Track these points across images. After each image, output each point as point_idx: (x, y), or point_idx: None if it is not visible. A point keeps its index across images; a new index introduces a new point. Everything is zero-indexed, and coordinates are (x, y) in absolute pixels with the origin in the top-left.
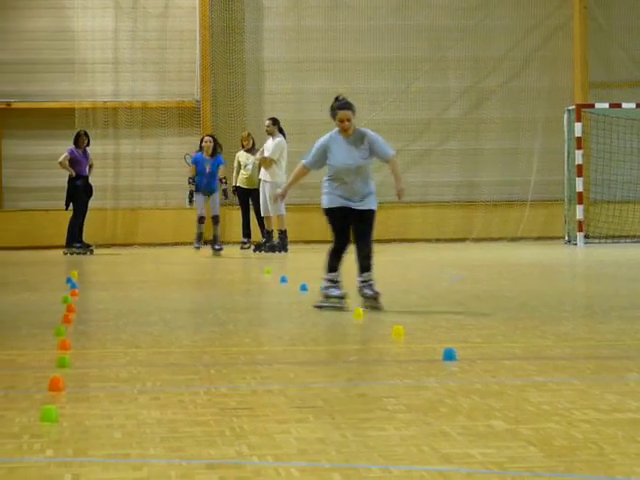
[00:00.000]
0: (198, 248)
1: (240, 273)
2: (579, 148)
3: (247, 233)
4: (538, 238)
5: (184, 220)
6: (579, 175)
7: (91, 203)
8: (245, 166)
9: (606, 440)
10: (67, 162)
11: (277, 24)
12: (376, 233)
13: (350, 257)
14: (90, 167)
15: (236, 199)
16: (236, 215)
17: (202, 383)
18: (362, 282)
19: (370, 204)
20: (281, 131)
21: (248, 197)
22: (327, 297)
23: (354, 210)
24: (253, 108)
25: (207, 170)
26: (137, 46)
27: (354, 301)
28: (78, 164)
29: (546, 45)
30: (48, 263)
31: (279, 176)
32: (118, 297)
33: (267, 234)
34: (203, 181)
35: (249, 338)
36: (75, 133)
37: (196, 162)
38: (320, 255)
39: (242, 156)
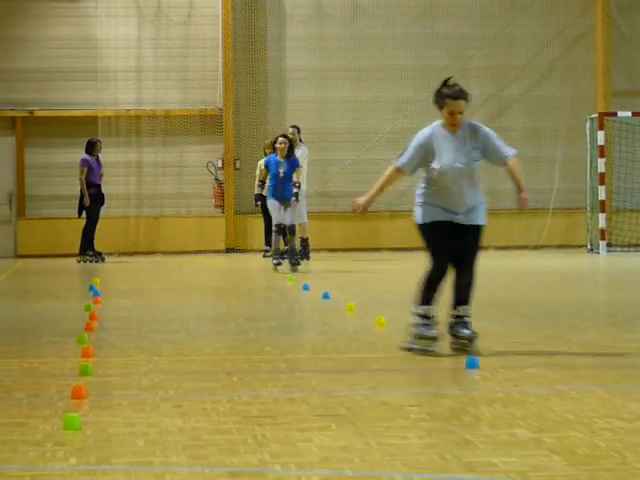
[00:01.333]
0: (278, 265)
1: (262, 281)
2: (601, 156)
3: (269, 241)
4: (560, 246)
5: (206, 228)
6: (601, 183)
7: (114, 211)
8: None
9: (629, 449)
10: (84, 177)
11: (300, 32)
12: (400, 241)
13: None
14: (100, 176)
15: (258, 207)
16: (258, 223)
17: (224, 391)
18: (456, 317)
19: (478, 218)
20: (301, 140)
21: None
22: (417, 337)
23: (456, 225)
24: (275, 116)
25: (281, 174)
26: (160, 54)
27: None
28: (92, 173)
29: (569, 53)
30: (70, 271)
31: (302, 185)
32: (140, 305)
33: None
34: (277, 186)
35: (271, 346)
36: (87, 141)
37: (268, 165)
38: (342, 262)
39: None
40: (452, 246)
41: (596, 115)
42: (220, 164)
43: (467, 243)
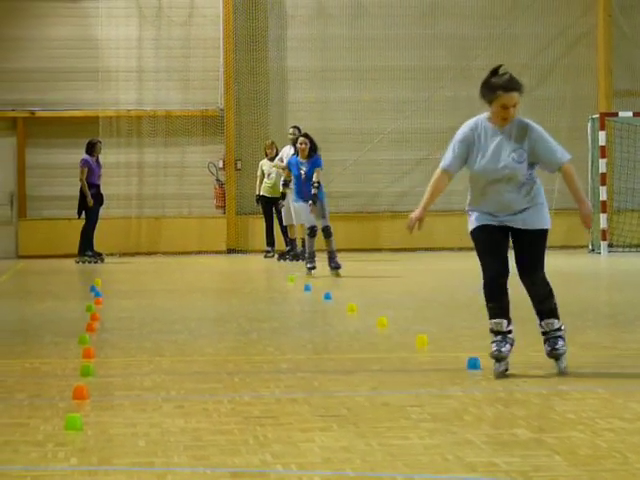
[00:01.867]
0: (312, 269)
1: (264, 281)
2: (603, 157)
3: (271, 242)
4: (561, 247)
5: (207, 229)
6: (603, 184)
7: (115, 212)
8: (269, 175)
9: (631, 449)
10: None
11: (301, 32)
12: (401, 242)
13: None
14: (99, 176)
15: (259, 208)
16: (259, 224)
17: (226, 392)
18: (543, 334)
19: (534, 221)
20: None
21: (271, 206)
22: (495, 359)
23: (511, 229)
24: (276, 117)
25: (303, 175)
26: (161, 54)
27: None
28: (92, 173)
29: (570, 53)
30: (71, 271)
31: None
32: (142, 306)
33: (290, 242)
34: (301, 187)
35: (272, 347)
36: (88, 141)
37: (290, 166)
38: (343, 263)
39: (266, 165)
40: (503, 249)
41: (597, 115)
42: (221, 165)
43: (525, 249)
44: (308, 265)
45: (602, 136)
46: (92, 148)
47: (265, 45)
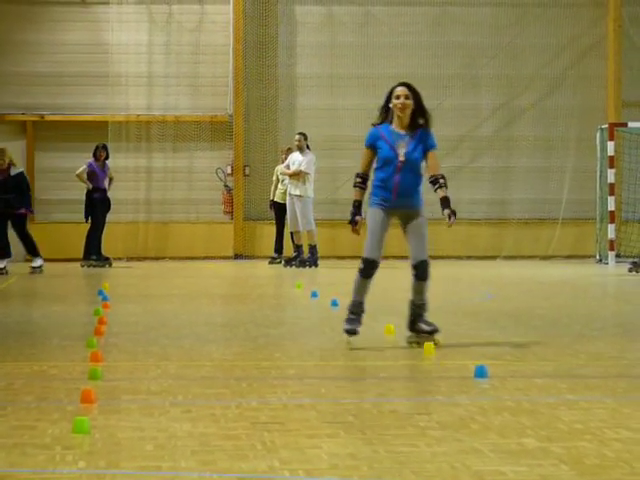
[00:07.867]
0: (353, 333)
1: (271, 287)
2: (611, 167)
3: (278, 248)
4: (569, 257)
5: (215, 234)
6: (611, 194)
7: (123, 216)
8: (282, 180)
9: (638, 459)
10: (85, 175)
11: (310, 39)
12: (406, 249)
13: None
14: (110, 180)
15: (268, 213)
16: (267, 230)
17: (233, 397)
18: None
19: None
20: (307, 147)
21: (284, 212)
22: None
23: None
24: (285, 123)
25: (401, 158)
26: (171, 60)
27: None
28: (96, 177)
29: (579, 63)
30: (79, 275)
31: (309, 191)
32: (149, 310)
33: (297, 249)
34: (391, 182)
35: (280, 352)
36: (94, 146)
37: (375, 141)
38: (350, 270)
39: (280, 170)
40: None
41: (606, 125)
42: (229, 170)
43: None
44: (346, 327)
45: (611, 146)
46: (94, 152)
47: (274, 52)
